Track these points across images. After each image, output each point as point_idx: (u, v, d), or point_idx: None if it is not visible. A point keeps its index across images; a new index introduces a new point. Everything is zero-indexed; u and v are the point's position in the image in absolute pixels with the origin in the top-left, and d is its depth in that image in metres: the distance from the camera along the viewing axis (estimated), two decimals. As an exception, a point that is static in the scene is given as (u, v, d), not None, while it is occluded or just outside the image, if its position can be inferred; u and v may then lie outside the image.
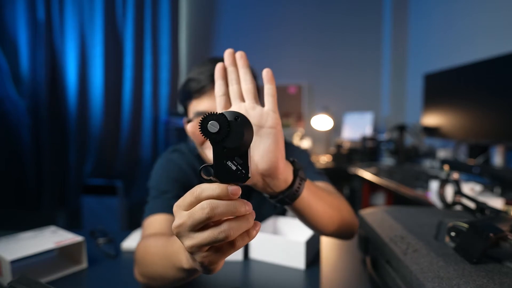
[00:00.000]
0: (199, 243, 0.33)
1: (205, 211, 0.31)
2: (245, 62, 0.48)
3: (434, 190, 1.07)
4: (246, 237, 0.34)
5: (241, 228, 0.33)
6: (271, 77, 0.46)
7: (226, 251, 0.34)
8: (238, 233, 0.33)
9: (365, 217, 0.71)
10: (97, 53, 2.51)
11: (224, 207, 0.31)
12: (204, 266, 0.36)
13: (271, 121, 0.46)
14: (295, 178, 0.49)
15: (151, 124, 2.69)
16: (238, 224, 0.32)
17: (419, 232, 0.57)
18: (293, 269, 0.69)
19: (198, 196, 0.32)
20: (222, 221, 0.32)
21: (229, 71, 0.49)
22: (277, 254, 0.72)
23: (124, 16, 2.60)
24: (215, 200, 0.32)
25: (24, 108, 2.34)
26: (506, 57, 1.42)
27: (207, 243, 0.32)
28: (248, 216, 0.33)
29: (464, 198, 0.71)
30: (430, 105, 2.06)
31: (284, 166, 0.48)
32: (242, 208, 0.32)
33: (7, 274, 0.59)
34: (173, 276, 0.51)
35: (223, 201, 0.32)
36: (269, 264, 0.72)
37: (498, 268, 0.42)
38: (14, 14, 2.29)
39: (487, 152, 1.62)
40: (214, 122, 0.32)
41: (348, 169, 2.18)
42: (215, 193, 0.32)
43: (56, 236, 0.70)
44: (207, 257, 0.34)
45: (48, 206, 2.45)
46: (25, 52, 2.31)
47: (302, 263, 0.69)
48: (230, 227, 0.32)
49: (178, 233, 0.34)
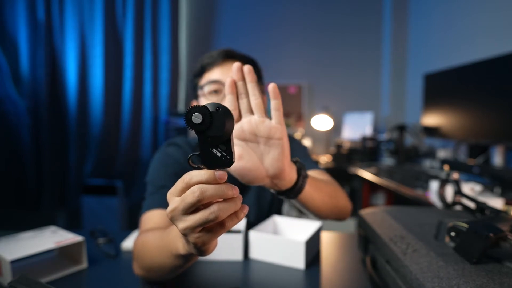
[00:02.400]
0: (192, 225, 0.36)
1: (195, 194, 0.34)
2: (252, 77, 0.52)
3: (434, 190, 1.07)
4: (235, 218, 0.38)
5: (230, 209, 0.36)
6: (277, 93, 0.51)
7: (217, 231, 0.38)
8: (227, 214, 0.36)
9: (365, 217, 0.71)
10: (97, 53, 2.52)
11: (212, 190, 0.35)
12: (198, 247, 0.39)
13: (278, 133, 0.52)
14: (299, 177, 0.57)
15: (151, 124, 2.69)
16: (227, 205, 0.36)
17: (419, 232, 0.57)
18: (293, 269, 0.69)
19: (188, 182, 0.36)
20: (211, 203, 0.36)
21: (238, 86, 0.53)
22: (277, 254, 0.72)
23: (124, 16, 2.61)
24: (204, 184, 0.35)
25: (24, 108, 2.34)
26: (506, 57, 1.42)
27: (199, 224, 0.35)
28: (236, 199, 0.37)
29: (464, 198, 0.71)
30: (430, 105, 2.06)
31: (290, 168, 0.55)
32: (229, 191, 0.36)
33: (7, 274, 0.59)
34: (171, 264, 0.54)
35: (212, 185, 0.35)
36: (269, 264, 0.72)
37: (498, 268, 0.42)
38: (14, 14, 2.29)
39: (487, 152, 1.62)
40: (197, 113, 0.34)
41: (348, 169, 2.18)
42: (203, 178, 0.35)
43: (56, 236, 0.70)
44: (200, 237, 0.38)
45: (48, 206, 2.45)
46: (25, 52, 2.31)
47: (302, 263, 0.70)
48: (219, 208, 0.35)
49: (172, 217, 0.37)
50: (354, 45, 2.95)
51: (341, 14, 2.94)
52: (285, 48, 2.94)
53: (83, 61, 2.52)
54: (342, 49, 2.96)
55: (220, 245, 0.73)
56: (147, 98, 2.69)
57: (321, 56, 2.97)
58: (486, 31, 1.86)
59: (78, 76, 2.48)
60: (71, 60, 2.47)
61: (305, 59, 2.98)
